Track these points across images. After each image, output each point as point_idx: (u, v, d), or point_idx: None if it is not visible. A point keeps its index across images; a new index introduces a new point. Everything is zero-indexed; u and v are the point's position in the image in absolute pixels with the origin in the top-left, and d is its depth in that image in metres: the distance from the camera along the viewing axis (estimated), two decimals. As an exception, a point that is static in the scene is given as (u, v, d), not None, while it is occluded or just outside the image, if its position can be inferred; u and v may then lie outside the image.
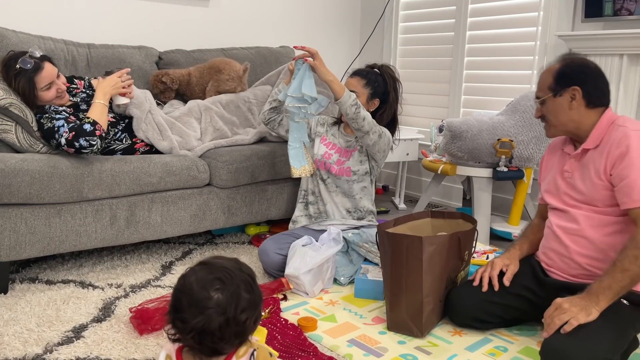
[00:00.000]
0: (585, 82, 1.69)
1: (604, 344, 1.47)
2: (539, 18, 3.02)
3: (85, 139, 2.11)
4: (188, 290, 1.13)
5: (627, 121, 1.67)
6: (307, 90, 2.15)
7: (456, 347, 1.77)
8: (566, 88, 1.70)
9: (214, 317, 1.10)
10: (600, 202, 1.67)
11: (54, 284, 2.19)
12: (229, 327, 1.12)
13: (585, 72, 1.70)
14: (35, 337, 1.76)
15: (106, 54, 2.82)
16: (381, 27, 3.93)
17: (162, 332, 1.80)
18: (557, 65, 1.74)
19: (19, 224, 2.05)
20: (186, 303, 1.12)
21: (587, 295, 1.54)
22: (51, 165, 2.09)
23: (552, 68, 1.75)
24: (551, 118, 1.75)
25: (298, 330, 1.80)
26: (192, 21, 3.34)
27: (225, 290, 1.12)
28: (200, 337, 1.12)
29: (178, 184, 2.38)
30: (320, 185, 2.43)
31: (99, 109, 2.24)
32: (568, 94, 1.70)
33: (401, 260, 1.79)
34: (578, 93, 1.69)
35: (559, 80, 1.71)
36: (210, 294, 1.11)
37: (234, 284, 1.13)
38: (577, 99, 1.69)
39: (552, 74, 1.73)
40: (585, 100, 1.70)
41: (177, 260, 2.47)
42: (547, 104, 1.75)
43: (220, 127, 2.69)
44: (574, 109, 1.70)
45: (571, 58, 1.75)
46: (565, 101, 1.71)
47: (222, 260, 1.19)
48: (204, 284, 1.12)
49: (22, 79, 2.17)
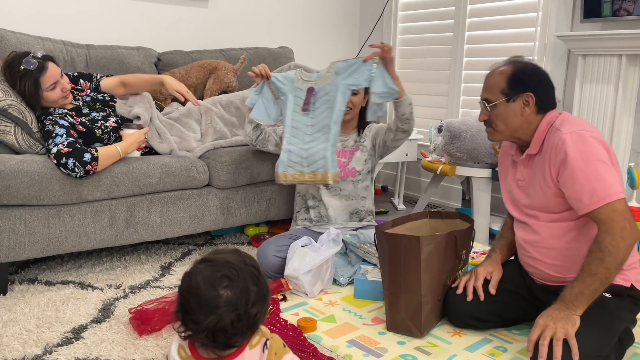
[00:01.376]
0: (538, 88, 1.66)
1: (591, 342, 1.49)
2: (538, 18, 3.02)
3: (75, 163, 2.07)
4: (195, 290, 1.12)
5: (564, 123, 1.63)
6: (391, 84, 2.19)
7: (456, 348, 1.77)
8: (520, 93, 1.66)
9: (226, 315, 1.10)
10: (556, 207, 1.66)
11: (53, 285, 2.19)
12: (241, 322, 1.12)
13: (538, 78, 1.67)
14: (34, 338, 1.76)
15: (105, 54, 2.82)
16: (380, 28, 3.94)
17: (162, 333, 1.80)
18: (510, 69, 1.68)
19: (18, 225, 2.05)
20: (196, 304, 1.11)
21: (562, 304, 1.54)
22: (50, 166, 2.09)
23: (505, 71, 1.69)
24: (499, 123, 1.70)
25: (298, 330, 1.80)
26: (190, 22, 3.35)
27: (233, 287, 1.12)
28: (214, 334, 1.12)
29: (177, 185, 2.38)
30: (321, 190, 2.40)
31: (112, 153, 2.19)
32: (521, 100, 1.66)
33: (399, 260, 1.79)
34: (532, 99, 1.66)
35: (513, 85, 1.67)
36: (219, 292, 1.11)
37: (241, 279, 1.13)
38: (530, 106, 1.66)
39: (505, 78, 1.68)
40: (537, 107, 1.67)
41: (177, 261, 2.47)
42: (497, 108, 1.69)
43: (221, 128, 2.69)
44: (525, 114, 1.67)
45: (523, 62, 1.70)
46: (518, 107, 1.67)
47: (224, 254, 1.18)
48: (212, 283, 1.11)
49: (28, 80, 2.16)
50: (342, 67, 2.25)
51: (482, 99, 1.74)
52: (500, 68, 1.72)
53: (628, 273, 1.65)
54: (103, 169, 2.17)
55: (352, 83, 2.24)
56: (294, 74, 2.32)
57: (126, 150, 2.25)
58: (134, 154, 2.32)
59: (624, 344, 1.64)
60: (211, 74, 2.92)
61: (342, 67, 2.25)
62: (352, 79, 2.24)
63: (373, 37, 3.98)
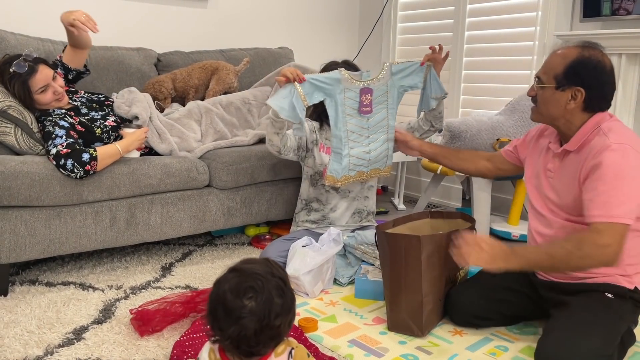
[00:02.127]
0: (592, 87, 1.59)
1: (595, 341, 1.49)
2: (538, 18, 3.02)
3: (74, 164, 2.06)
4: (222, 299, 1.15)
5: (612, 130, 1.58)
6: (443, 87, 2.26)
7: (457, 347, 1.77)
8: (571, 86, 1.60)
9: (249, 325, 1.13)
10: (575, 210, 1.64)
11: (54, 286, 2.18)
12: (264, 333, 1.15)
13: (597, 77, 1.59)
14: (35, 339, 1.76)
15: (105, 55, 2.82)
16: (380, 28, 3.94)
17: (163, 333, 1.80)
18: (573, 57, 1.60)
19: (18, 226, 2.05)
20: (221, 312, 1.15)
21: (509, 250, 1.57)
22: (51, 167, 2.09)
23: (567, 56, 1.61)
24: (542, 106, 1.67)
25: (299, 331, 1.80)
26: (190, 23, 3.35)
27: (258, 298, 1.14)
28: (238, 342, 1.15)
29: (178, 186, 2.38)
30: (330, 193, 2.39)
31: (112, 152, 2.18)
32: (570, 92, 1.61)
33: (400, 260, 1.79)
34: (581, 95, 1.60)
35: (568, 75, 1.60)
36: (243, 303, 1.14)
37: (266, 290, 1.15)
38: (577, 101, 1.61)
39: (563, 65, 1.60)
40: (585, 104, 1.61)
41: (177, 262, 2.47)
42: (544, 91, 1.65)
43: (221, 129, 2.69)
44: (569, 108, 1.62)
45: (590, 53, 1.60)
46: (564, 98, 1.62)
47: (253, 264, 1.20)
48: (237, 293, 1.15)
49: (17, 82, 2.16)
50: (398, 68, 2.25)
51: (537, 75, 1.69)
52: (566, 49, 1.63)
53: (634, 277, 1.65)
54: (103, 169, 2.17)
55: (408, 85, 2.26)
56: (339, 74, 2.17)
57: (127, 149, 2.24)
58: (133, 154, 2.31)
59: (626, 343, 1.64)
60: (213, 75, 2.92)
61: (399, 68, 2.25)
62: (408, 80, 2.26)
63: (373, 37, 3.98)
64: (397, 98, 2.28)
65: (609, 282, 1.64)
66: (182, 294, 1.99)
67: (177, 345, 1.67)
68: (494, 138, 2.70)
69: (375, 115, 2.25)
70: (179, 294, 1.98)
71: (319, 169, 2.38)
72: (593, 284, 1.66)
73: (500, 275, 1.86)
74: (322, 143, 2.39)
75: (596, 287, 1.65)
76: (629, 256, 1.62)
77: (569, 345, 1.48)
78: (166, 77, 2.85)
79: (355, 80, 2.21)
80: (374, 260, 2.24)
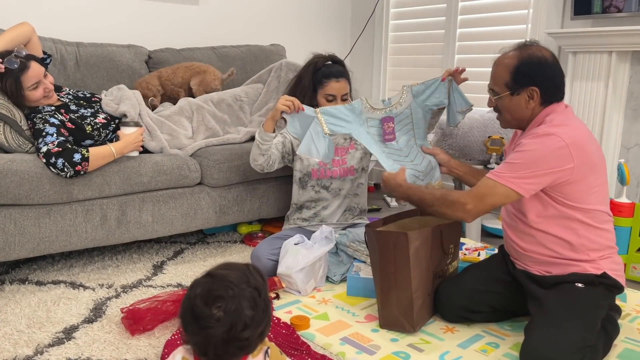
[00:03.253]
0: (543, 82, 1.67)
1: (575, 334, 1.52)
2: (529, 16, 3.03)
3: (65, 163, 2.05)
4: (191, 305, 1.13)
5: (554, 120, 1.66)
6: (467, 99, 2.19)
7: (448, 344, 1.78)
8: (524, 87, 1.68)
9: (215, 334, 1.11)
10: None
11: (44, 284, 2.17)
12: (231, 344, 1.13)
13: (543, 71, 1.67)
14: (25, 338, 1.75)
15: (95, 52, 2.80)
16: (372, 25, 3.93)
17: (154, 332, 1.79)
18: (514, 61, 1.69)
19: (8, 225, 2.04)
20: (190, 318, 1.13)
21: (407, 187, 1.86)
22: (40, 165, 2.07)
23: (509, 64, 1.70)
24: (506, 114, 1.76)
25: (291, 329, 1.80)
26: (182, 20, 3.33)
27: (227, 308, 1.11)
28: (205, 348, 1.13)
29: (169, 184, 2.37)
30: (321, 193, 2.38)
31: (105, 154, 2.16)
32: (525, 93, 1.69)
33: (389, 257, 1.80)
34: (536, 93, 1.68)
35: (517, 78, 1.68)
36: (211, 312, 1.11)
37: (236, 301, 1.12)
38: (535, 99, 1.69)
39: (508, 71, 1.69)
40: (542, 99, 1.69)
41: (169, 260, 2.46)
42: (502, 100, 1.73)
43: (212, 126, 2.68)
44: (530, 107, 1.70)
45: (528, 53, 1.68)
46: (523, 100, 1.70)
47: (229, 271, 1.17)
48: (207, 300, 1.12)
49: (9, 79, 2.15)
50: (419, 90, 2.20)
51: (489, 88, 1.77)
52: (506, 57, 1.71)
53: (600, 262, 1.68)
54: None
55: (433, 103, 2.20)
56: (360, 104, 2.14)
57: (121, 152, 2.22)
58: (133, 154, 2.30)
59: (611, 334, 1.66)
60: (195, 75, 2.88)
61: (420, 89, 2.20)
62: (432, 99, 2.20)
63: (365, 34, 3.97)
64: (423, 117, 2.22)
65: (576, 272, 1.68)
66: (173, 292, 1.98)
67: (168, 344, 1.66)
68: (486, 135, 2.71)
69: (400, 138, 2.19)
70: (170, 293, 1.97)
71: (307, 170, 2.37)
72: (563, 275, 1.70)
73: (486, 267, 1.93)
74: None
75: (566, 279, 1.68)
76: (590, 246, 1.68)
77: (549, 343, 1.51)
78: (152, 76, 2.84)
79: (377, 110, 2.18)
80: (366, 258, 2.25)
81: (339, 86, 2.29)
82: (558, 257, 1.71)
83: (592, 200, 1.66)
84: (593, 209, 1.66)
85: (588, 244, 1.68)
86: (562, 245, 1.69)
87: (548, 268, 1.73)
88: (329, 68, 2.33)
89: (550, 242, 1.70)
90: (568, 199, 1.65)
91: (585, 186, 1.64)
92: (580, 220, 1.67)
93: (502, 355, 1.71)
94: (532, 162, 1.60)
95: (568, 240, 1.68)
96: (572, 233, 1.67)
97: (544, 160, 1.59)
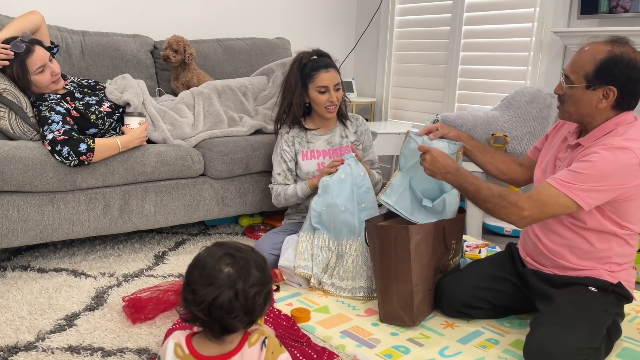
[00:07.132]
0: (625, 85, 1.53)
1: (581, 335, 1.51)
2: (535, 14, 3.02)
3: (70, 152, 2.05)
4: (201, 264, 1.16)
5: (627, 132, 1.54)
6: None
7: (448, 339, 1.78)
8: (603, 85, 1.54)
9: (224, 289, 1.12)
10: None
11: (46, 272, 2.18)
12: (238, 301, 1.13)
13: (629, 75, 1.53)
14: (27, 324, 1.76)
15: (100, 41, 2.80)
16: (377, 21, 3.93)
17: (155, 321, 1.80)
18: (604, 55, 1.54)
19: (11, 212, 2.04)
20: (198, 275, 1.15)
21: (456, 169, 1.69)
22: (45, 153, 2.07)
23: (597, 54, 1.54)
24: (570, 105, 1.61)
25: (291, 321, 1.81)
26: (187, 11, 3.32)
27: (235, 265, 1.15)
28: (210, 310, 1.13)
29: (172, 174, 2.37)
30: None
31: (111, 146, 2.17)
32: (602, 91, 1.55)
33: (389, 252, 1.81)
34: (613, 94, 1.54)
35: (599, 74, 1.54)
36: (221, 267, 1.14)
37: (244, 260, 1.16)
38: (609, 100, 1.56)
39: (594, 63, 1.54)
40: (615, 102, 1.56)
41: (170, 250, 2.47)
42: (574, 91, 1.59)
43: (214, 110, 2.65)
44: (600, 107, 1.57)
45: (621, 50, 1.54)
46: (596, 97, 1.56)
47: (236, 242, 1.22)
48: (216, 259, 1.15)
49: (15, 62, 2.16)
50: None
51: (565, 73, 1.62)
52: (596, 47, 1.57)
53: (618, 273, 1.68)
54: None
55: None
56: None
57: (127, 146, 2.23)
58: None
59: (612, 336, 1.66)
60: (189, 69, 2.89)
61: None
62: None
63: (370, 29, 3.97)
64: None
65: (592, 276, 1.67)
66: (174, 282, 1.99)
67: (169, 333, 1.67)
68: (489, 133, 2.71)
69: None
70: (171, 283, 1.97)
71: (304, 178, 2.34)
72: (577, 277, 1.69)
73: (489, 264, 1.91)
74: (304, 150, 2.33)
75: (580, 281, 1.68)
76: (616, 260, 1.67)
77: (555, 340, 1.51)
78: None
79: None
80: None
81: (330, 76, 2.23)
82: (579, 263, 1.68)
83: (636, 220, 1.63)
84: (634, 228, 1.64)
85: (615, 258, 1.66)
86: (590, 253, 1.67)
87: (564, 272, 1.71)
88: (316, 61, 2.28)
89: (579, 247, 1.67)
90: (617, 215, 1.60)
91: (637, 206, 1.59)
92: (618, 235, 1.64)
93: (501, 352, 1.72)
94: (602, 176, 1.51)
95: (599, 249, 1.65)
96: (606, 245, 1.64)
97: (615, 175, 1.50)
